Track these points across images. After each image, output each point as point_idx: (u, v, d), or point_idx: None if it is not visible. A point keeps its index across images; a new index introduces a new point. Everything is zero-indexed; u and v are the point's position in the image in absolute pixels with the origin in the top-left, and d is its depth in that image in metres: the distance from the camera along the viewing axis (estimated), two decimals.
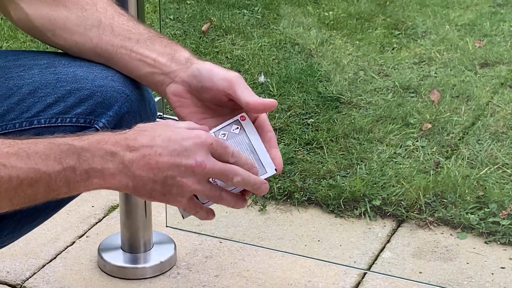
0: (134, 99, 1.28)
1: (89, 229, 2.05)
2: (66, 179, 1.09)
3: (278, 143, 2.37)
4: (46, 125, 1.24)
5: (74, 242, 2.01)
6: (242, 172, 1.15)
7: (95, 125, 1.24)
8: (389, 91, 2.68)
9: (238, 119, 1.22)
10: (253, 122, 1.23)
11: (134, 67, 1.25)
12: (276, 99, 2.59)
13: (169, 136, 1.11)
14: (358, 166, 2.27)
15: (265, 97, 2.73)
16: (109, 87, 1.25)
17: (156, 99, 1.84)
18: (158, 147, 1.10)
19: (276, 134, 2.40)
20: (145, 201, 1.88)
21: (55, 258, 1.95)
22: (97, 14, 1.27)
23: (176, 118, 1.26)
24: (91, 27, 1.27)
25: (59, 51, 1.33)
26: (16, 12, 1.30)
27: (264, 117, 1.24)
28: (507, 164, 2.27)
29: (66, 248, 1.98)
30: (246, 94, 1.20)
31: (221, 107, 1.24)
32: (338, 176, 2.23)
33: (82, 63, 1.28)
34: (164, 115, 1.79)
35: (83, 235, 2.03)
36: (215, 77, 1.21)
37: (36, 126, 1.23)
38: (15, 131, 1.23)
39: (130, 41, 1.25)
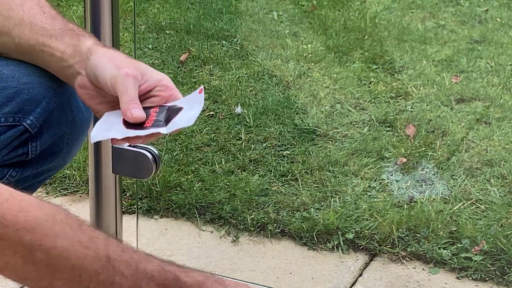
0: (63, 93, 1.26)
1: None
2: None
3: (253, 174, 2.37)
4: None
5: None
6: None
7: (24, 123, 1.23)
8: (365, 124, 2.69)
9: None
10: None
11: (48, 62, 1.24)
12: (252, 131, 2.60)
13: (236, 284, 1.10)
14: (332, 199, 2.27)
15: (241, 128, 2.72)
16: (36, 83, 1.24)
17: None
18: None
19: (251, 165, 2.41)
20: (116, 230, 1.87)
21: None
22: (21, 13, 1.26)
23: None
24: (14, 26, 1.26)
25: None
26: None
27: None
28: (481, 200, 2.27)
29: None
30: (129, 100, 1.16)
31: None
32: (312, 209, 2.23)
33: (8, 62, 1.27)
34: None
35: None
36: (106, 74, 1.18)
37: None
38: None
39: (44, 37, 1.24)
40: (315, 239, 2.13)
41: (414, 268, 2.05)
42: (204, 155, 2.48)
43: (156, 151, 1.75)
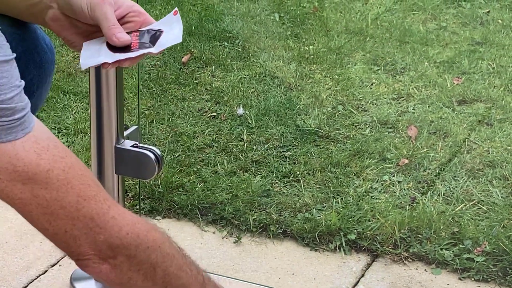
0: (27, 37, 1.26)
1: (62, 258, 2.04)
2: None
3: (255, 175, 2.37)
4: None
5: (46, 271, 1.99)
6: None
7: None
8: (367, 126, 2.69)
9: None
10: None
11: (14, 2, 1.23)
12: (254, 132, 2.60)
13: None
14: (334, 200, 2.27)
15: (243, 129, 2.72)
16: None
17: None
18: None
19: (253, 166, 2.41)
20: None
21: (26, 286, 1.93)
22: None
23: None
24: None
25: None
26: None
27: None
28: (483, 201, 2.27)
29: (38, 277, 1.97)
30: (111, 25, 1.17)
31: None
32: (314, 210, 2.23)
33: None
34: (140, 144, 1.79)
35: (56, 264, 2.02)
36: (82, 3, 1.18)
37: None
38: None
39: None
40: (317, 240, 2.13)
41: (416, 269, 2.05)
42: (206, 156, 2.49)
43: (158, 152, 1.76)
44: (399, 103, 2.85)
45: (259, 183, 2.33)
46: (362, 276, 2.02)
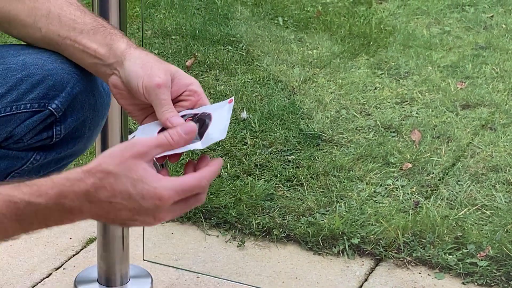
0: (85, 78, 1.28)
1: (66, 261, 2.04)
2: (24, 230, 1.11)
3: (259, 179, 2.37)
4: (1, 115, 1.25)
5: (50, 274, 1.99)
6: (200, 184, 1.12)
7: (49, 107, 1.26)
8: (370, 130, 2.69)
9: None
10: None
11: (79, 57, 1.26)
12: (258, 136, 2.61)
13: (129, 194, 1.08)
14: (338, 204, 2.28)
15: (246, 133, 2.72)
16: (60, 69, 1.27)
17: None
18: (118, 204, 1.09)
19: (257, 170, 2.41)
20: (122, 234, 1.87)
21: None
22: (47, 4, 1.28)
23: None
24: (41, 17, 1.28)
25: (15, 42, 1.35)
26: None
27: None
28: (486, 205, 2.27)
29: (42, 280, 1.97)
30: (164, 110, 1.19)
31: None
32: (318, 214, 2.23)
33: (30, 51, 1.30)
34: None
35: (60, 267, 2.02)
36: (138, 83, 1.20)
37: None
38: None
39: (74, 32, 1.26)
40: (321, 244, 2.13)
41: (420, 273, 2.05)
42: None
43: None
44: (403, 107, 2.86)
45: (263, 187, 2.33)
46: (366, 280, 2.02)
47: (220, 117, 1.20)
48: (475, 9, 3.72)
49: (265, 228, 2.19)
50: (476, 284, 2.01)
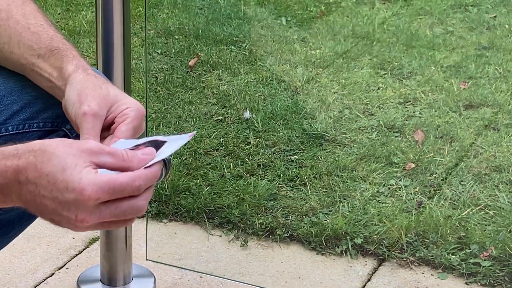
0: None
1: (69, 261, 2.04)
2: None
3: (262, 179, 2.37)
4: (14, 132, 1.24)
5: (53, 274, 1.99)
6: (127, 205, 1.02)
7: (63, 128, 1.25)
8: (373, 130, 2.69)
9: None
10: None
11: (39, 81, 1.24)
12: (261, 136, 2.60)
13: (55, 179, 1.00)
14: (341, 204, 2.28)
15: (249, 133, 2.72)
16: None
17: None
18: (42, 188, 1.01)
19: (260, 170, 2.41)
20: (125, 234, 1.87)
21: None
22: (9, 30, 1.26)
23: None
24: (3, 44, 1.26)
25: None
26: None
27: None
28: (489, 205, 2.27)
29: (45, 280, 1.97)
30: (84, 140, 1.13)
31: None
32: (321, 213, 2.23)
33: None
34: None
35: (63, 266, 2.02)
36: (72, 109, 1.15)
37: (3, 134, 1.23)
38: None
39: (32, 57, 1.24)
40: (324, 243, 2.13)
41: (423, 273, 2.05)
42: (212, 159, 2.49)
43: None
44: (406, 107, 2.86)
45: (266, 186, 2.33)
46: (369, 280, 2.02)
47: (174, 142, 1.11)
48: (478, 9, 3.72)
49: (268, 228, 2.19)
50: (479, 284, 2.01)
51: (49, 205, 1.02)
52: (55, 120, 1.25)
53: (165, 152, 1.08)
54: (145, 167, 1.04)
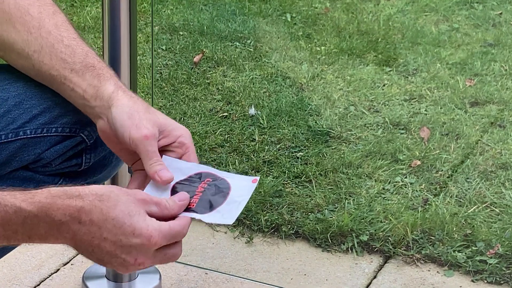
0: None
1: (74, 257, 2.04)
2: (6, 238, 1.07)
3: (267, 176, 2.36)
4: (32, 135, 1.24)
5: (58, 270, 1.99)
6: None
7: (81, 134, 1.25)
8: (379, 127, 2.68)
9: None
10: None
11: (70, 96, 1.24)
12: (266, 132, 2.60)
13: (122, 224, 1.06)
14: (346, 201, 2.27)
15: (255, 129, 2.72)
16: None
17: None
18: (106, 231, 1.06)
19: (265, 166, 2.41)
20: None
21: (39, 285, 1.93)
22: (40, 39, 1.25)
23: None
24: (33, 53, 1.25)
25: None
26: None
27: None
28: (495, 203, 2.27)
29: (50, 276, 1.97)
30: (152, 163, 1.17)
31: None
32: (326, 210, 2.23)
33: None
34: None
35: (68, 262, 2.02)
36: (125, 133, 1.17)
37: (22, 137, 1.23)
38: (1, 143, 1.23)
39: (65, 70, 1.23)
40: (329, 240, 2.13)
41: (429, 270, 2.04)
42: (218, 156, 2.48)
43: None
44: (411, 104, 2.85)
45: (271, 183, 2.33)
46: (374, 277, 2.02)
47: (238, 194, 1.17)
48: (484, 6, 3.71)
49: (273, 225, 2.18)
50: (485, 281, 2.00)
51: (107, 247, 1.07)
52: (73, 126, 1.25)
53: (223, 216, 1.16)
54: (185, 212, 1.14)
